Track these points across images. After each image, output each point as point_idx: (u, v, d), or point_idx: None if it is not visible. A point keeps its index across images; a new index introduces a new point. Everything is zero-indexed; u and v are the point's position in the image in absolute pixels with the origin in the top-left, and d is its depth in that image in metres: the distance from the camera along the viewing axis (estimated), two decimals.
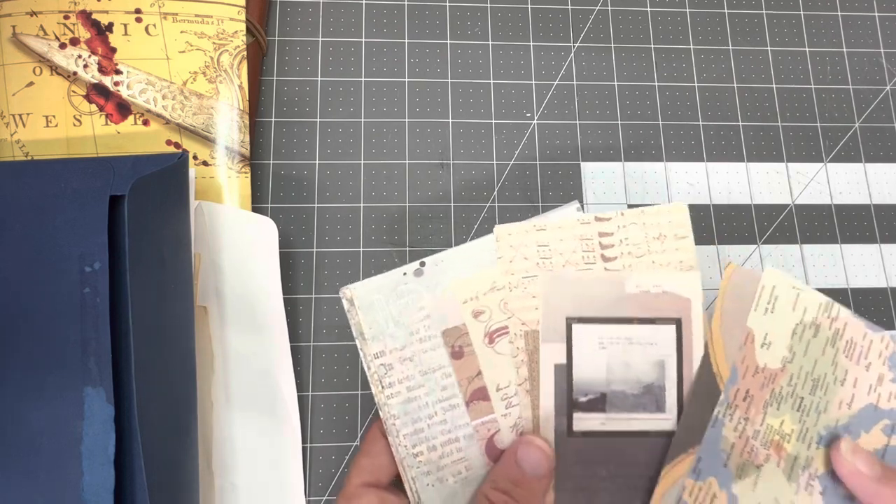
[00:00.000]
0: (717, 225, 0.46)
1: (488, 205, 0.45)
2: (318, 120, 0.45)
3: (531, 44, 0.48)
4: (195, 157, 0.42)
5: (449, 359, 0.29)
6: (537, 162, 0.46)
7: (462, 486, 0.29)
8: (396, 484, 0.30)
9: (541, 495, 0.28)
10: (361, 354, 0.30)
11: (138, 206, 0.32)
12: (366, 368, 0.30)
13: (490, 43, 0.48)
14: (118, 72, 0.42)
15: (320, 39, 0.47)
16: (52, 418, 0.30)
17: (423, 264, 0.30)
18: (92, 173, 0.33)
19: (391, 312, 0.30)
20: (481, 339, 0.29)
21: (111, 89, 0.42)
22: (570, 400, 0.29)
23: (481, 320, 0.29)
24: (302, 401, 0.40)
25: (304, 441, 0.40)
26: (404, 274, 0.30)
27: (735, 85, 0.49)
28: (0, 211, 0.32)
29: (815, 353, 0.28)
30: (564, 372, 0.29)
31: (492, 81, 0.47)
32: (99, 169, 0.33)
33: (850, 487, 0.27)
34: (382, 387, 0.30)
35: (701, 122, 0.48)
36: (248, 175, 0.42)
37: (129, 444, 0.30)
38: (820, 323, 0.29)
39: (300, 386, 0.41)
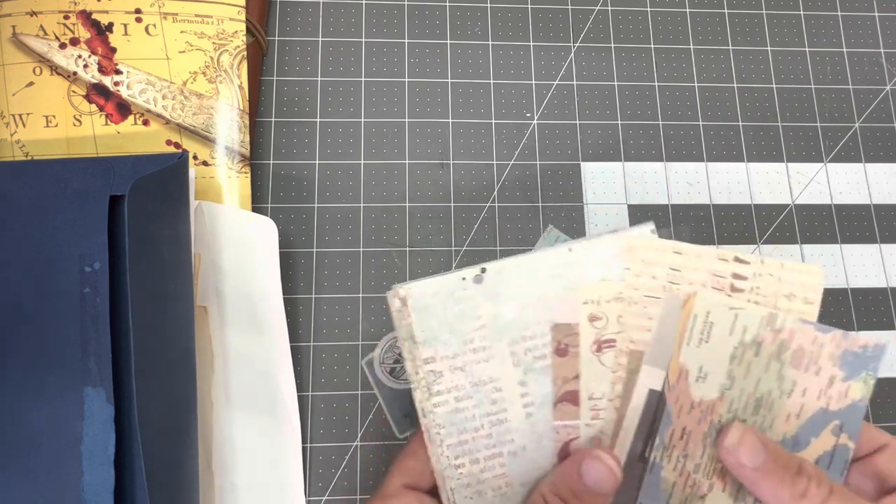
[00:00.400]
0: (717, 225, 0.46)
1: (488, 205, 0.45)
2: (318, 120, 0.45)
3: (531, 44, 0.48)
4: (195, 157, 0.42)
5: (552, 356, 0.28)
6: (537, 162, 0.46)
7: (501, 501, 0.29)
8: (436, 492, 0.29)
9: None
10: (408, 358, 0.29)
11: (138, 206, 0.32)
12: (411, 373, 0.29)
13: (490, 43, 0.48)
14: (118, 72, 0.42)
15: (320, 39, 0.47)
16: (52, 418, 0.30)
17: (483, 271, 0.28)
18: (92, 173, 0.33)
19: (447, 318, 0.28)
20: (590, 344, 0.28)
21: (111, 89, 0.42)
22: (652, 427, 0.28)
23: (596, 326, 0.28)
24: (302, 401, 0.40)
25: (304, 441, 0.40)
26: (463, 279, 0.28)
27: (735, 85, 0.49)
28: (0, 211, 0.32)
29: (758, 372, 0.27)
30: (656, 399, 0.28)
31: (492, 81, 0.47)
32: (99, 169, 0.33)
33: (737, 478, 0.26)
34: (430, 394, 0.29)
35: (701, 122, 0.48)
36: (248, 175, 0.42)
37: (129, 444, 0.30)
38: (762, 339, 0.27)
39: (300, 386, 0.41)
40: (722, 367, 0.27)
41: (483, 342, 0.28)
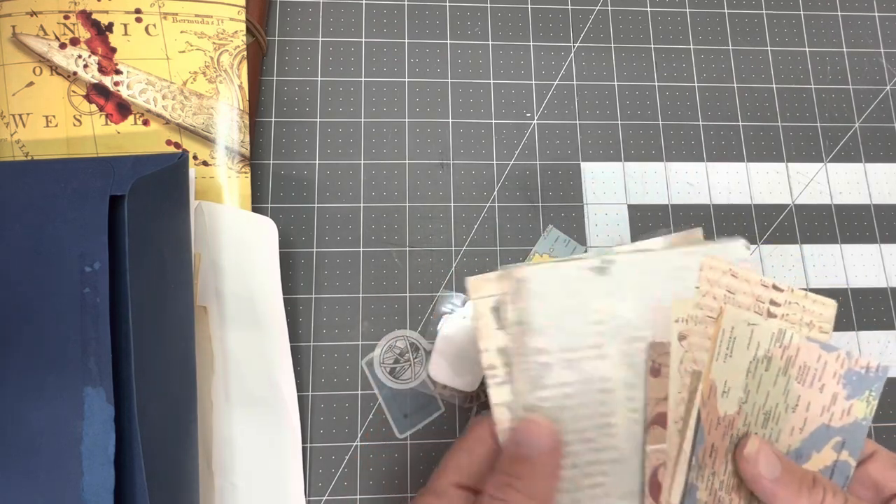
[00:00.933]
0: (717, 225, 0.46)
1: (488, 205, 0.45)
2: (318, 120, 0.45)
3: (531, 44, 0.48)
4: (195, 157, 0.42)
5: (645, 375, 0.27)
6: (537, 162, 0.46)
7: None
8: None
9: (546, 476, 0.25)
10: (514, 344, 0.26)
11: (138, 206, 0.32)
12: (516, 361, 0.26)
13: (490, 43, 0.48)
14: (118, 72, 0.42)
15: (320, 39, 0.47)
16: (52, 418, 0.30)
17: (606, 263, 0.27)
18: (92, 173, 0.33)
19: (563, 308, 0.26)
20: (678, 364, 0.27)
21: (111, 89, 0.42)
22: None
23: (683, 346, 0.27)
24: (302, 401, 0.40)
25: (304, 441, 0.40)
26: (583, 269, 0.26)
27: (735, 85, 0.49)
28: (0, 211, 0.32)
29: (767, 386, 0.28)
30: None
31: (492, 81, 0.47)
32: (99, 169, 0.33)
33: (753, 490, 0.26)
34: (535, 387, 0.26)
35: (701, 122, 0.48)
36: (248, 175, 0.42)
37: (129, 444, 0.30)
38: (772, 355, 0.28)
39: (300, 386, 0.41)
40: (740, 382, 0.27)
41: (598, 338, 0.27)
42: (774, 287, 0.28)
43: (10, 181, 0.33)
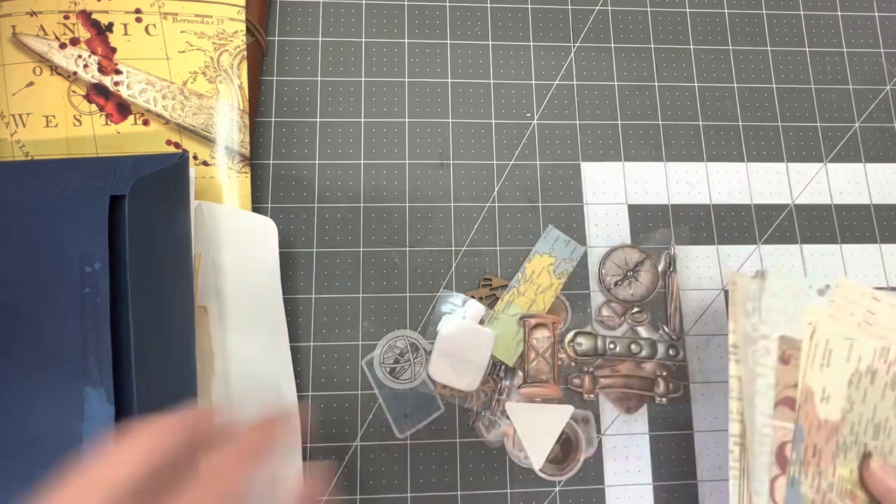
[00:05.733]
0: (717, 225, 0.46)
1: (488, 205, 0.45)
2: (318, 120, 0.45)
3: (531, 44, 0.48)
4: (195, 157, 0.42)
5: (777, 363, 0.31)
6: (537, 162, 0.46)
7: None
8: None
9: None
10: (742, 330, 0.31)
11: (138, 206, 0.32)
12: (742, 344, 0.31)
13: (490, 43, 0.48)
14: (118, 72, 0.42)
15: (320, 39, 0.47)
16: (52, 418, 0.30)
17: (827, 287, 0.32)
18: (92, 173, 0.33)
19: (784, 312, 0.32)
20: (808, 360, 0.31)
21: (111, 89, 0.42)
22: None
23: (812, 344, 0.31)
24: (302, 401, 0.40)
25: (304, 441, 0.40)
26: (810, 287, 0.32)
27: (735, 85, 0.49)
28: (0, 211, 0.32)
29: (875, 399, 0.29)
30: None
31: (492, 81, 0.47)
32: (99, 169, 0.33)
33: (883, 502, 0.28)
34: (753, 374, 0.31)
35: (701, 122, 0.48)
36: (248, 175, 0.42)
37: None
38: (877, 369, 0.29)
39: (300, 386, 0.41)
40: (842, 391, 0.29)
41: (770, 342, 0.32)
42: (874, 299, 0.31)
43: (10, 181, 0.33)
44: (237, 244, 0.40)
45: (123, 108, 0.42)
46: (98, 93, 0.42)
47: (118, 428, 0.30)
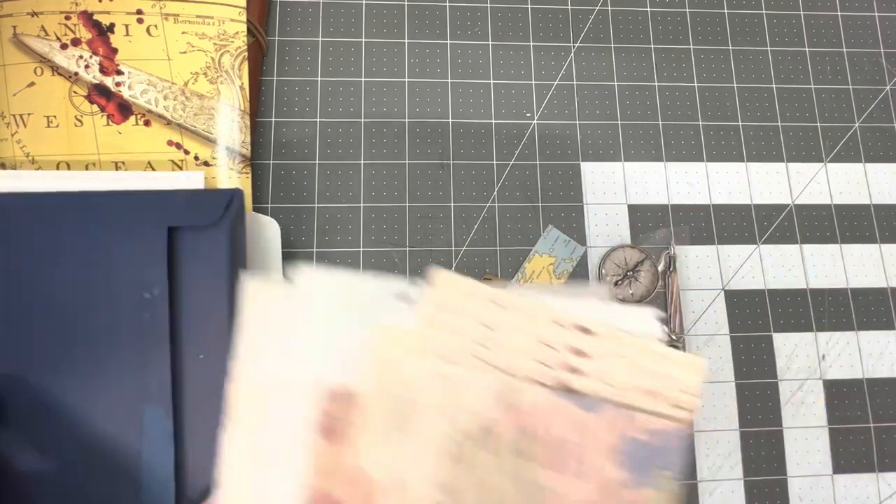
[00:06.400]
0: (717, 225, 0.46)
1: (488, 205, 0.45)
2: (318, 120, 0.46)
3: (531, 44, 0.48)
4: (196, 158, 0.42)
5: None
6: (537, 162, 0.46)
7: None
8: None
9: None
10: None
11: (193, 237, 0.34)
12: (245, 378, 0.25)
13: (490, 43, 0.48)
14: (119, 72, 0.42)
15: (320, 39, 0.47)
16: (112, 435, 0.32)
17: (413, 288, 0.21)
18: (148, 206, 0.35)
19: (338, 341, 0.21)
20: (371, 427, 0.19)
21: (112, 90, 0.42)
22: None
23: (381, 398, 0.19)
24: None
25: None
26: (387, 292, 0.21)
27: (735, 85, 0.49)
28: (65, 241, 0.34)
29: (490, 475, 0.17)
30: None
31: (492, 81, 0.47)
32: (155, 202, 0.35)
33: None
34: None
35: (701, 122, 0.48)
36: (249, 175, 0.42)
37: (185, 460, 0.32)
38: (492, 425, 0.17)
39: None
40: (427, 475, 0.17)
41: None
42: (581, 329, 0.18)
43: (71, 212, 0.35)
44: None
45: (125, 109, 0.42)
46: (99, 93, 0.42)
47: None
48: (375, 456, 0.16)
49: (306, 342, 0.19)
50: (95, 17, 0.43)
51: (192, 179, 0.39)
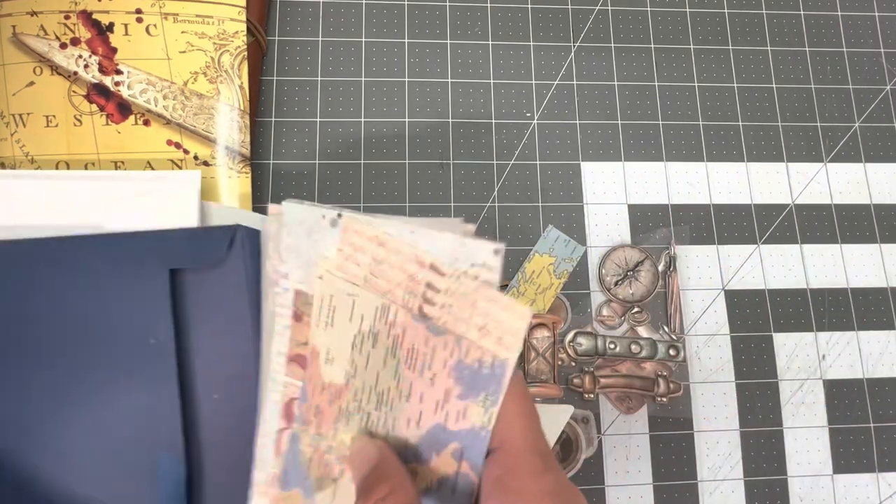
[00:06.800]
0: (717, 225, 0.46)
1: (488, 205, 0.45)
2: (318, 120, 0.45)
3: (531, 44, 0.48)
4: (196, 157, 0.42)
5: (291, 320, 0.27)
6: (537, 162, 0.46)
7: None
8: None
9: (400, 485, 0.24)
10: (268, 271, 0.28)
11: (196, 279, 0.33)
12: (264, 286, 0.28)
13: (490, 43, 0.48)
14: (119, 72, 0.42)
15: (320, 39, 0.47)
16: (126, 482, 0.31)
17: (339, 217, 0.27)
18: (148, 248, 0.34)
19: (304, 257, 0.28)
20: (316, 318, 0.27)
21: (112, 89, 0.42)
22: None
23: (319, 300, 0.27)
24: None
25: None
26: (323, 217, 0.27)
27: (735, 85, 0.49)
28: (63, 288, 0.33)
29: (377, 366, 0.25)
30: None
31: (492, 81, 0.47)
32: (155, 243, 0.34)
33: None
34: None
35: (701, 122, 0.48)
36: (249, 175, 0.42)
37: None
38: (378, 331, 0.24)
39: None
40: (345, 354, 0.25)
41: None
42: (433, 269, 0.24)
43: (70, 254, 0.33)
44: None
45: (124, 109, 0.42)
46: (98, 93, 0.42)
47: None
48: (318, 336, 0.25)
49: (287, 256, 0.26)
50: (94, 16, 0.43)
51: (189, 179, 0.39)
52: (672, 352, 0.43)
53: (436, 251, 0.24)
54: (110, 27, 0.43)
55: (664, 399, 0.42)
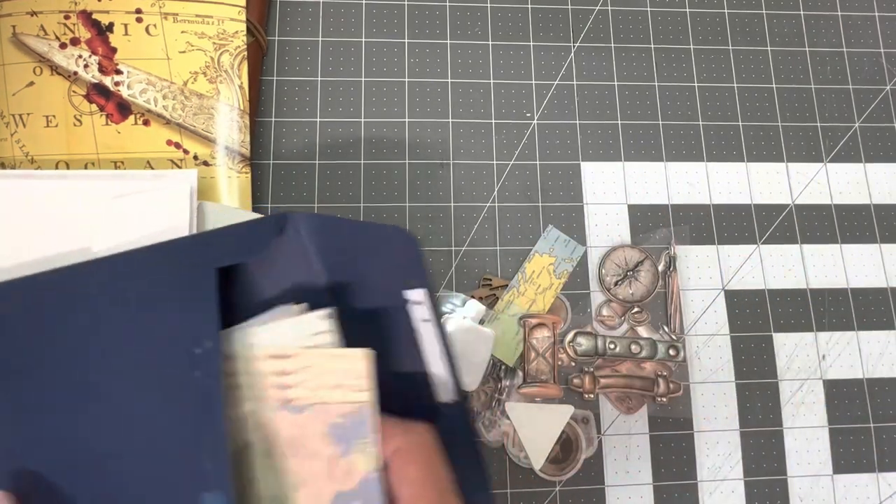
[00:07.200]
0: (717, 225, 0.46)
1: (488, 205, 0.45)
2: (318, 120, 0.45)
3: (531, 44, 0.48)
4: (195, 157, 0.42)
5: None
6: (537, 162, 0.46)
7: None
8: None
9: None
10: None
11: (247, 279, 0.29)
12: None
13: (490, 43, 0.48)
14: (118, 72, 0.42)
15: (320, 39, 0.47)
16: None
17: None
18: (195, 251, 0.29)
19: None
20: None
21: (111, 89, 0.42)
22: None
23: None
24: None
25: None
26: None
27: (735, 85, 0.49)
28: (100, 299, 0.28)
29: (262, 474, 0.25)
30: None
31: (492, 81, 0.47)
32: (201, 245, 0.30)
33: None
34: None
35: (701, 122, 0.48)
36: (249, 175, 0.42)
37: None
38: (250, 440, 0.25)
39: None
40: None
41: None
42: (275, 357, 0.25)
43: (108, 269, 0.29)
44: None
45: (124, 108, 0.42)
46: (98, 93, 0.42)
47: None
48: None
49: None
50: (94, 16, 0.43)
51: (187, 177, 0.39)
52: (672, 352, 0.43)
53: (278, 340, 0.26)
54: (110, 27, 0.42)
55: (664, 399, 0.42)
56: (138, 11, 0.43)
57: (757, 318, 0.45)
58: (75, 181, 0.38)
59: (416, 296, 0.29)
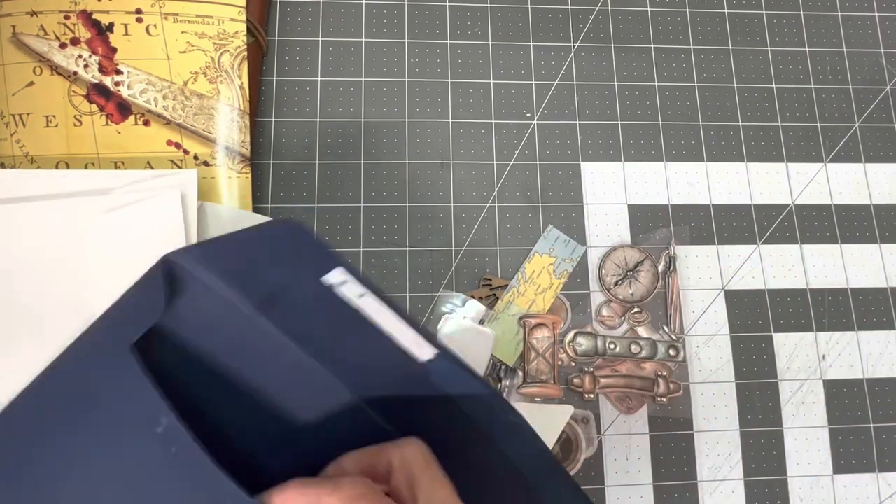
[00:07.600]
0: (717, 225, 0.46)
1: (488, 205, 0.45)
2: (318, 120, 0.45)
3: (531, 44, 0.48)
4: (196, 157, 0.42)
5: None
6: (537, 162, 0.46)
7: None
8: None
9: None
10: None
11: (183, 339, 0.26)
12: None
13: (490, 43, 0.48)
14: (119, 72, 0.42)
15: (320, 39, 0.47)
16: None
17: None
18: (105, 338, 0.26)
19: None
20: None
21: (112, 89, 0.42)
22: None
23: None
24: None
25: None
26: None
27: (735, 85, 0.49)
28: (45, 428, 0.24)
29: None
30: None
31: (492, 81, 0.47)
32: (104, 331, 0.26)
33: None
34: None
35: (701, 122, 0.48)
36: (249, 175, 0.42)
37: None
38: None
39: None
40: None
41: None
42: None
43: (38, 392, 0.24)
44: None
45: (124, 109, 0.42)
46: (98, 93, 0.42)
47: None
48: None
49: None
50: (94, 16, 0.43)
51: (186, 178, 0.39)
52: (672, 352, 0.43)
53: None
54: (110, 27, 0.43)
55: (664, 399, 0.42)
56: (138, 11, 0.43)
57: (757, 318, 0.45)
58: (63, 202, 0.37)
59: (335, 277, 0.27)
